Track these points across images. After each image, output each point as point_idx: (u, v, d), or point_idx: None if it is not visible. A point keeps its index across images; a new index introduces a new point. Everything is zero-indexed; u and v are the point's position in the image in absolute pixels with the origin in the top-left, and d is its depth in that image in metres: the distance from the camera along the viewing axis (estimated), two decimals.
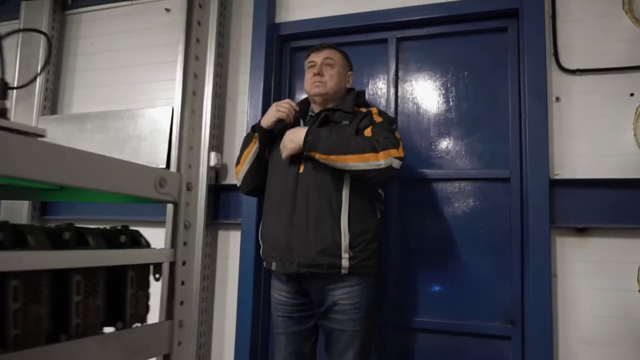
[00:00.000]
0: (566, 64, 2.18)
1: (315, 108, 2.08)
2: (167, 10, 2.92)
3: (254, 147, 2.04)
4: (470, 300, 2.28)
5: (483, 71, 2.40)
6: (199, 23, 0.76)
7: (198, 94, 0.78)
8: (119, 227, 0.67)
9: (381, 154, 1.76)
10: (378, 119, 1.94)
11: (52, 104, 3.08)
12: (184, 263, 0.71)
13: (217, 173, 2.64)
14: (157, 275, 0.71)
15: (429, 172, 2.39)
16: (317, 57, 2.06)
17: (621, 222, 2.02)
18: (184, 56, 0.77)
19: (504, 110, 2.32)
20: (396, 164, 1.80)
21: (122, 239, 0.66)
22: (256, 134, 2.05)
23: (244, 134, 2.55)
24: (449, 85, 2.45)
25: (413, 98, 2.50)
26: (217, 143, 2.63)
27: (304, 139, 1.81)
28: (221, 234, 2.63)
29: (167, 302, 0.70)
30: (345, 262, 1.80)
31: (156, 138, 2.66)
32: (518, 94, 2.29)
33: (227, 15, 2.74)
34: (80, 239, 0.61)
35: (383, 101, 2.53)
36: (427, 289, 2.35)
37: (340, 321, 1.85)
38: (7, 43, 3.05)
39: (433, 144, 2.43)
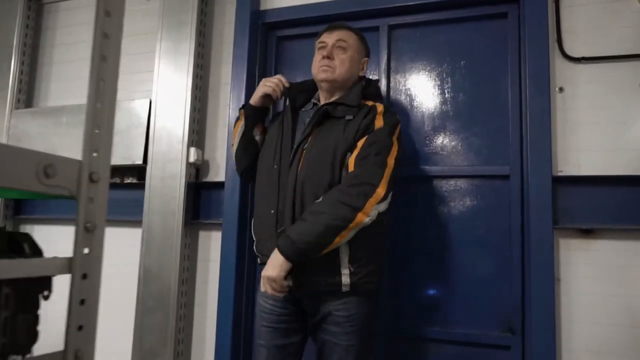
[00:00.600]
0: (570, 52, 2.02)
1: (322, 96, 1.89)
2: None
3: (240, 124, 1.90)
4: (466, 306, 2.11)
5: (481, 60, 2.23)
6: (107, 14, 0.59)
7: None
8: None
9: (359, 214, 1.55)
10: (379, 122, 1.70)
11: (27, 97, 2.92)
12: (84, 276, 0.55)
13: (197, 170, 2.48)
14: (46, 293, 0.55)
15: (424, 169, 2.23)
16: (329, 38, 1.84)
17: (630, 222, 1.86)
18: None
19: (504, 102, 2.16)
20: (382, 208, 1.62)
21: None
22: (242, 110, 1.91)
23: (227, 128, 2.41)
24: (444, 76, 2.29)
25: (406, 90, 2.34)
26: (197, 138, 2.46)
27: (281, 252, 1.57)
28: (202, 234, 2.47)
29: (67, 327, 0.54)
30: (345, 279, 1.63)
31: (133, 132, 2.50)
32: (519, 85, 2.12)
33: (209, 2, 2.57)
34: None
35: None
36: (421, 294, 2.19)
37: (334, 333, 1.67)
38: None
39: (427, 138, 2.27)
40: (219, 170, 2.46)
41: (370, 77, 1.93)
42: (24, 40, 2.88)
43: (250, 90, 2.41)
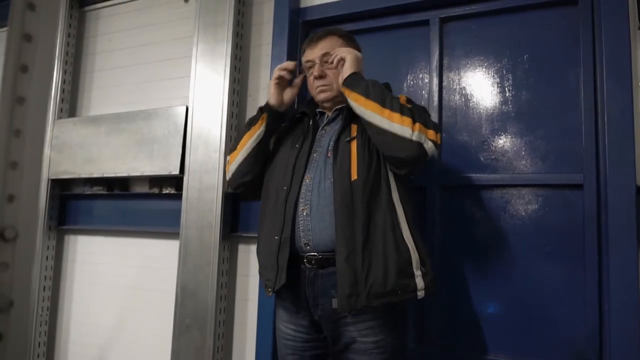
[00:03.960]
0: None
1: (330, 113, 1.72)
2: (185, 0, 2.65)
3: (258, 130, 1.70)
4: (531, 332, 1.86)
5: (547, 54, 1.97)
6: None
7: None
8: None
9: (417, 125, 1.42)
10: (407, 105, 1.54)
11: (70, 106, 2.88)
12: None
13: None
14: None
15: (481, 177, 1.99)
16: (313, 54, 1.68)
17: None
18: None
19: (575, 100, 1.89)
20: (430, 147, 1.43)
21: None
22: (264, 114, 1.71)
23: None
24: (504, 73, 2.03)
25: (461, 89, 2.10)
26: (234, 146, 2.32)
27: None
28: (241, 248, 2.33)
29: None
30: (420, 282, 1.47)
31: (170, 141, 2.39)
32: (593, 80, 1.85)
33: (246, 1, 2.43)
34: None
35: (425, 93, 2.15)
36: (477, 317, 1.95)
37: None
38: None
39: (485, 143, 2.02)
40: None
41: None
42: (66, 49, 2.84)
43: None
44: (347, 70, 1.57)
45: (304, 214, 1.52)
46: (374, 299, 1.41)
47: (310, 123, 1.69)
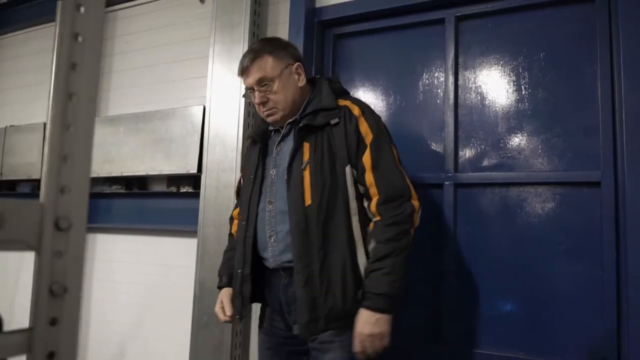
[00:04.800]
0: None
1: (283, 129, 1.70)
2: (202, 1, 2.69)
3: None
4: (548, 330, 1.86)
5: (564, 51, 1.96)
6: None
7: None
8: None
9: (412, 231, 1.53)
10: (365, 128, 1.55)
11: None
12: (50, 355, 0.42)
13: None
14: None
15: (497, 175, 1.99)
16: (249, 82, 1.65)
17: None
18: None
19: (592, 97, 1.88)
20: (420, 213, 1.57)
21: None
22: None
23: None
24: (520, 70, 2.03)
25: (476, 87, 2.10)
26: None
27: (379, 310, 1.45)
28: None
29: None
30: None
31: (187, 140, 2.42)
32: (610, 78, 1.84)
33: (262, 2, 2.46)
34: None
35: (440, 92, 2.16)
36: (493, 315, 1.95)
37: None
38: (47, 45, 2.95)
39: (502, 141, 2.02)
40: None
41: (318, 76, 1.77)
42: None
43: None
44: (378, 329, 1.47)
45: (272, 240, 1.57)
46: (333, 321, 1.46)
47: (259, 150, 1.70)
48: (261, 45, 1.66)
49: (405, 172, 1.58)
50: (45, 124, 2.73)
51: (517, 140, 2.01)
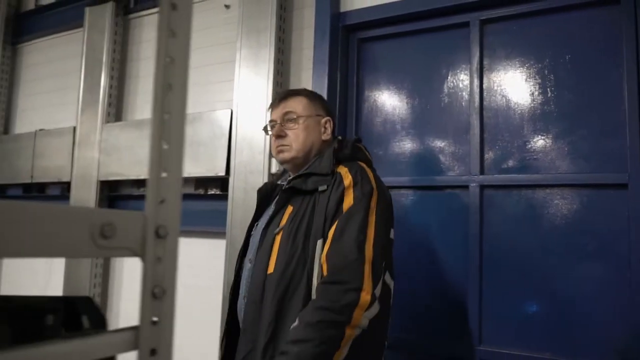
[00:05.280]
0: None
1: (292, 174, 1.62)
2: (227, 6, 2.74)
3: None
4: (574, 331, 1.88)
5: (589, 54, 1.98)
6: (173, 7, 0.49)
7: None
8: (46, 299, 0.44)
9: (348, 330, 1.24)
10: (348, 201, 1.39)
11: (116, 111, 3.00)
12: (152, 352, 0.46)
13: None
14: None
15: (522, 177, 2.02)
16: (276, 114, 1.61)
17: None
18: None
19: (618, 99, 1.90)
20: (374, 312, 1.29)
21: (49, 320, 0.42)
22: None
23: None
24: (546, 73, 2.05)
25: (502, 90, 2.13)
26: None
27: None
28: None
29: None
30: None
31: (215, 143, 2.48)
32: (636, 79, 1.85)
33: (287, 7, 2.50)
34: None
35: (465, 95, 2.18)
36: (520, 316, 1.97)
37: None
38: (73, 50, 3.02)
39: (527, 143, 2.05)
40: None
41: (341, 138, 1.60)
42: (112, 56, 2.96)
43: (331, 95, 2.31)
44: None
45: (245, 300, 1.47)
46: None
47: (261, 201, 1.66)
48: (300, 89, 1.68)
49: (380, 256, 1.36)
50: (74, 128, 2.80)
51: (543, 142, 2.03)
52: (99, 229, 0.42)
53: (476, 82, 2.14)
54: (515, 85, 2.10)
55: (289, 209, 1.47)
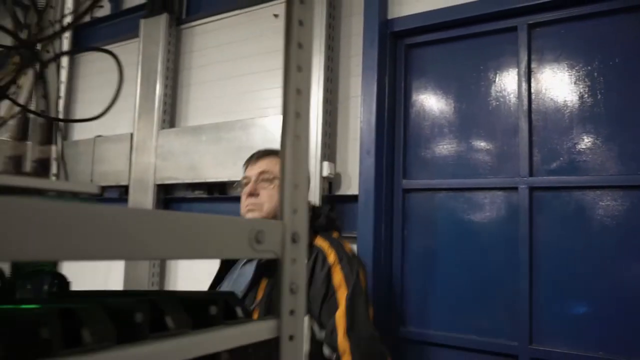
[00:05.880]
0: None
1: None
2: (276, 15, 2.84)
3: None
4: (625, 330, 1.90)
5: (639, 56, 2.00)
6: (300, 23, 0.59)
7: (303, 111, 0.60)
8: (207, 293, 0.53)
9: None
10: (338, 279, 1.40)
11: (170, 117, 3.15)
12: (291, 338, 0.55)
13: (330, 183, 2.50)
14: (261, 353, 0.55)
15: (572, 178, 2.05)
16: (251, 171, 1.61)
17: None
18: (284, 65, 0.59)
19: None
20: None
21: (213, 310, 0.52)
22: None
23: (357, 141, 2.40)
24: (595, 75, 2.08)
25: (550, 92, 2.16)
26: (329, 152, 2.49)
27: None
28: None
29: None
30: None
31: (268, 147, 2.58)
32: None
33: (336, 15, 2.59)
34: (157, 319, 0.47)
35: (513, 98, 2.22)
36: (568, 315, 2.00)
37: None
38: (129, 59, 3.18)
39: (577, 145, 2.08)
40: (351, 183, 2.47)
41: (315, 205, 1.58)
42: (166, 65, 3.11)
43: (380, 101, 2.38)
44: None
45: None
46: None
47: (222, 266, 1.63)
48: (279, 150, 1.65)
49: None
50: (131, 134, 2.93)
51: (592, 144, 2.05)
52: (255, 235, 0.51)
53: (524, 85, 2.18)
54: (563, 88, 2.14)
55: (264, 282, 1.43)
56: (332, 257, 1.43)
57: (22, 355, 0.36)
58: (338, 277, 1.41)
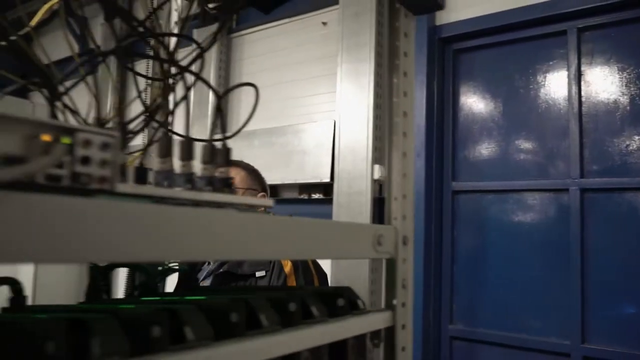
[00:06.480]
0: None
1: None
2: (324, 23, 2.94)
3: None
4: None
5: None
6: (405, 54, 0.68)
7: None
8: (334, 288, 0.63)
9: None
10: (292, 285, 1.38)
11: (222, 123, 3.28)
12: (403, 327, 0.64)
13: (380, 186, 2.58)
14: (376, 341, 0.64)
15: (624, 180, 2.07)
16: None
17: None
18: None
19: None
20: None
21: (341, 302, 0.61)
22: None
23: None
24: None
25: (601, 95, 2.19)
26: (379, 155, 2.57)
27: None
28: None
29: None
30: None
31: (319, 152, 2.68)
32: None
33: (385, 23, 2.66)
34: (305, 309, 0.56)
35: (563, 101, 2.26)
36: (621, 315, 2.03)
37: None
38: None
39: (628, 147, 2.10)
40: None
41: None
42: (218, 73, 3.24)
43: (429, 105, 2.45)
44: None
45: None
46: None
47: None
48: (239, 161, 1.65)
49: None
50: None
51: None
52: (377, 239, 0.60)
53: (574, 88, 2.22)
54: (614, 91, 2.16)
55: None
56: (288, 266, 1.43)
57: (136, 350, 0.41)
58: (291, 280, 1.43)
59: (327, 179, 2.63)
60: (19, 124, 0.35)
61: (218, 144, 0.57)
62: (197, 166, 0.53)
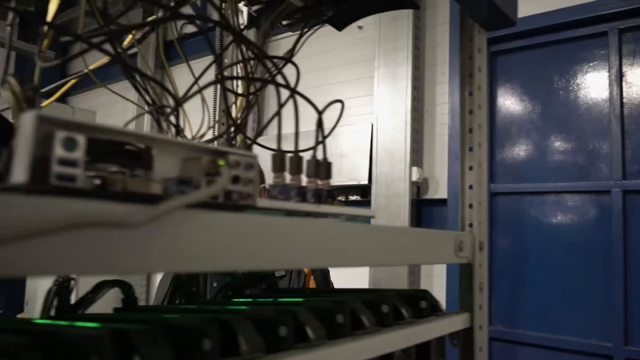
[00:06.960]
0: None
1: None
2: (360, 27, 2.97)
3: None
4: None
5: None
6: (479, 69, 0.72)
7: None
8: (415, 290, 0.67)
9: None
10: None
11: (257, 126, 3.34)
12: (480, 327, 0.68)
13: (418, 188, 2.61)
14: (455, 341, 0.68)
15: None
16: None
17: None
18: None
19: None
20: None
21: (423, 304, 0.65)
22: None
23: (445, 147, 2.50)
24: None
25: None
26: (417, 157, 2.60)
27: None
28: None
29: None
30: None
31: (356, 154, 2.72)
32: None
33: (421, 26, 2.69)
34: (398, 311, 0.61)
35: (604, 102, 2.26)
36: None
37: None
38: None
39: None
40: (439, 187, 2.57)
41: None
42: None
43: None
44: None
45: None
46: None
47: None
48: None
49: None
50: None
51: None
52: (458, 245, 0.64)
53: (615, 89, 2.21)
54: None
55: None
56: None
57: None
58: (311, 286, 1.46)
59: (364, 181, 2.67)
60: (181, 148, 0.40)
61: (320, 158, 0.60)
62: (303, 179, 0.58)
